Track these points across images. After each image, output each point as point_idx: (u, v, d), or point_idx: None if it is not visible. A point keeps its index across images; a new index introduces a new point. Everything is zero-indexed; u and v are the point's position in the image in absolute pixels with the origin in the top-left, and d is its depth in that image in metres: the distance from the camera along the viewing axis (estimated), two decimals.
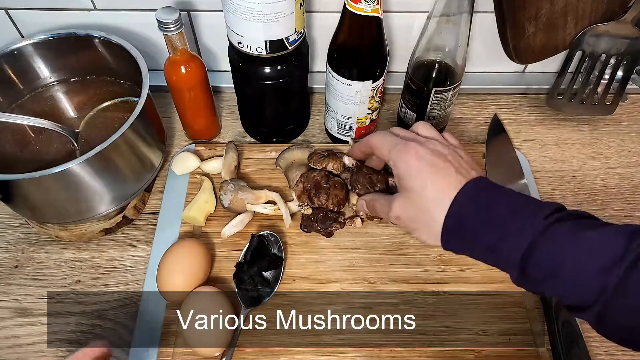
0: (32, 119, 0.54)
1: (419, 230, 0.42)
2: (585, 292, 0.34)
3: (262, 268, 0.52)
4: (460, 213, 0.39)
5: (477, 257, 0.40)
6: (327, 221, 0.56)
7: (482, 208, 0.39)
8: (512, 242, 0.37)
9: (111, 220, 0.57)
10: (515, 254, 0.36)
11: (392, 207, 0.43)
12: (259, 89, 0.60)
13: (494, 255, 0.38)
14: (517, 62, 0.64)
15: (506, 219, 0.37)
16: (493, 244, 0.37)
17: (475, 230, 0.38)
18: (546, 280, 0.36)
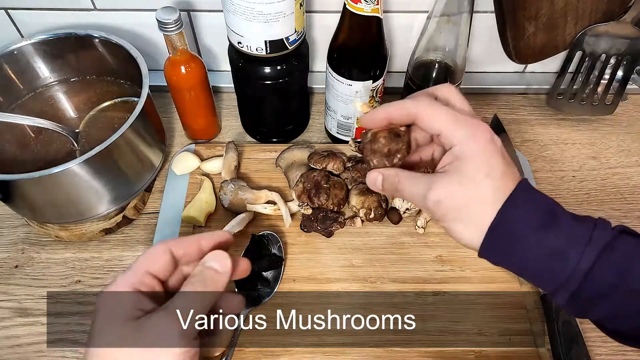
0: (32, 119, 0.54)
1: (460, 221, 0.34)
2: None
3: (262, 268, 0.52)
4: (515, 212, 0.33)
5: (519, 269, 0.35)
6: (327, 221, 0.56)
7: (540, 211, 0.34)
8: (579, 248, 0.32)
9: (111, 220, 0.57)
10: (581, 263, 0.32)
11: (434, 187, 0.34)
12: (259, 89, 0.60)
13: (546, 264, 0.33)
14: (517, 62, 0.64)
15: (568, 224, 0.33)
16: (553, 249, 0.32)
17: (530, 232, 0.33)
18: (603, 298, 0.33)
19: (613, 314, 0.34)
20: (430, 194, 0.34)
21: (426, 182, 0.35)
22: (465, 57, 0.58)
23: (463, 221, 0.34)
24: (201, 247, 0.34)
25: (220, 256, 0.33)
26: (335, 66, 0.56)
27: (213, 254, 0.33)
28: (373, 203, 0.56)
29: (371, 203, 0.56)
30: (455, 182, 0.34)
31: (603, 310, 0.33)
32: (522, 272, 0.35)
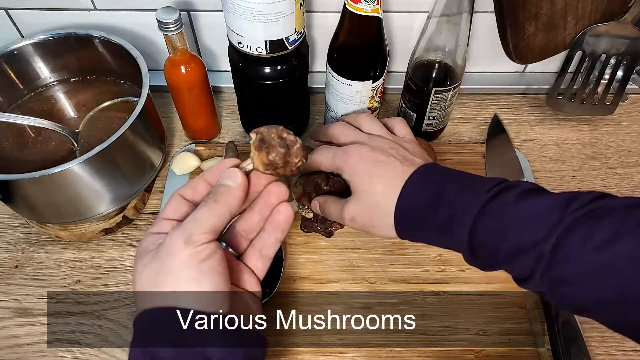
0: (32, 119, 0.54)
1: (374, 226, 0.41)
2: (526, 264, 0.35)
3: None
4: (408, 200, 0.39)
5: (432, 242, 0.40)
6: (327, 221, 0.56)
7: (429, 191, 0.39)
8: (459, 220, 0.37)
9: (111, 220, 0.57)
10: (463, 234, 0.36)
11: (345, 208, 0.42)
12: (259, 89, 0.60)
13: (446, 237, 0.38)
14: (517, 62, 0.64)
15: (452, 198, 0.38)
16: (444, 224, 0.37)
17: (424, 213, 0.38)
18: (493, 258, 0.36)
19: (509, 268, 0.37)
20: (344, 214, 0.42)
21: (341, 206, 0.43)
22: (465, 57, 0.58)
23: (375, 225, 0.41)
24: (207, 182, 0.36)
25: (232, 173, 0.35)
26: (335, 66, 0.56)
27: (225, 173, 0.35)
28: None
29: None
30: (355, 200, 0.42)
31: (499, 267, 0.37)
32: (441, 244, 0.40)
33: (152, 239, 0.34)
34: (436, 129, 0.65)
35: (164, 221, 0.34)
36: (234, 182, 0.34)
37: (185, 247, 0.31)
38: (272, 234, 0.38)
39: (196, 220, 0.32)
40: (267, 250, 0.38)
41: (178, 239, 0.31)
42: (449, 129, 0.70)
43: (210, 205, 0.33)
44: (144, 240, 0.34)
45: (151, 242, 0.33)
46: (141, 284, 0.32)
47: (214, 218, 0.33)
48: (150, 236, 0.34)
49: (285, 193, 0.38)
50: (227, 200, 0.34)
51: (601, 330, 0.51)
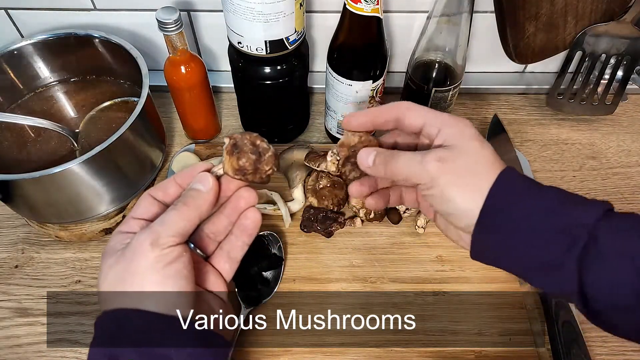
0: (32, 119, 0.54)
1: (459, 185, 0.33)
2: None
3: (262, 268, 0.52)
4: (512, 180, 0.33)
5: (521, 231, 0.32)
6: (327, 221, 0.56)
7: (530, 181, 0.34)
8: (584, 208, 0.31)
9: (111, 220, 0.57)
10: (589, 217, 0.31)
11: (432, 152, 0.34)
12: (259, 89, 0.60)
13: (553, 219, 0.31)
14: (517, 62, 0.64)
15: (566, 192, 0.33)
16: (554, 206, 0.32)
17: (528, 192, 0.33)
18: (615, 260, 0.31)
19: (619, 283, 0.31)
20: (430, 155, 0.34)
21: (423, 152, 0.35)
22: (465, 57, 0.58)
23: (462, 185, 0.33)
24: (178, 184, 0.36)
25: (202, 177, 0.35)
26: (335, 66, 0.56)
27: (196, 177, 0.35)
28: None
29: None
30: (452, 150, 0.34)
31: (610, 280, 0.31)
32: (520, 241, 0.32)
33: (120, 238, 0.33)
34: None
35: (132, 220, 0.34)
36: (205, 186, 0.34)
37: (151, 249, 0.31)
38: (240, 237, 0.38)
39: (164, 222, 0.32)
40: (235, 253, 0.38)
41: (145, 241, 0.31)
42: None
43: (180, 209, 0.33)
44: (112, 239, 0.34)
45: (118, 241, 0.33)
46: (106, 284, 0.32)
47: (183, 222, 0.33)
48: (118, 235, 0.34)
49: (254, 199, 0.38)
50: (197, 205, 0.34)
51: (601, 331, 0.50)
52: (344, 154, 0.39)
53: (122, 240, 0.33)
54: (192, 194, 0.34)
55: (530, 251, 0.32)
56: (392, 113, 0.37)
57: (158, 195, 0.36)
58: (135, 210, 0.35)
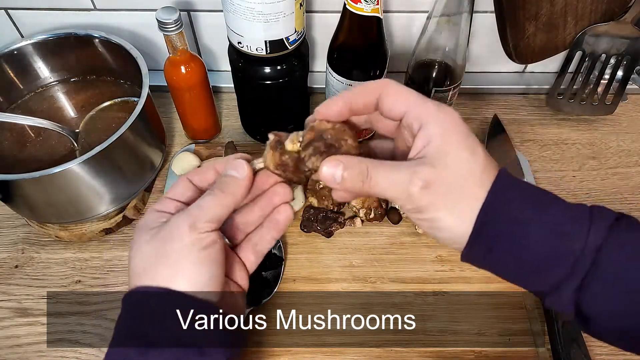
0: (32, 119, 0.54)
1: (448, 208, 0.30)
2: None
3: (262, 268, 0.52)
4: (507, 192, 0.30)
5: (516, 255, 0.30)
6: (327, 221, 0.56)
7: (531, 191, 0.31)
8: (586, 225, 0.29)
9: (111, 220, 0.57)
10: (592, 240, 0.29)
11: (420, 170, 0.30)
12: (259, 89, 0.60)
13: (554, 245, 0.29)
14: (517, 62, 0.64)
15: (567, 203, 0.31)
16: (555, 228, 0.29)
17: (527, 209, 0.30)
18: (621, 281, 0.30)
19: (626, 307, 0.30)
20: (415, 178, 0.29)
21: (407, 167, 0.30)
22: (465, 57, 0.58)
23: (452, 208, 0.30)
24: (216, 170, 0.36)
25: (237, 164, 0.35)
26: (335, 66, 0.56)
27: (231, 163, 0.35)
28: (373, 203, 0.56)
29: (371, 203, 0.56)
30: (440, 165, 0.30)
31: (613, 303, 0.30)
32: (519, 262, 0.31)
33: (155, 216, 0.33)
34: None
35: (167, 200, 0.34)
36: (240, 173, 0.34)
37: (189, 232, 0.31)
38: (270, 231, 0.38)
39: (202, 207, 0.32)
40: (262, 246, 0.38)
41: (183, 223, 0.31)
42: None
43: (217, 194, 0.33)
44: (147, 216, 0.34)
45: (154, 219, 0.33)
46: (139, 261, 0.32)
47: (219, 208, 0.33)
48: (154, 213, 0.34)
49: (289, 195, 0.38)
50: (233, 191, 0.34)
51: None
52: (309, 136, 0.33)
53: (158, 219, 0.33)
54: (228, 180, 0.34)
55: (524, 275, 0.31)
56: (370, 96, 0.33)
57: (195, 179, 0.36)
58: (172, 191, 0.35)
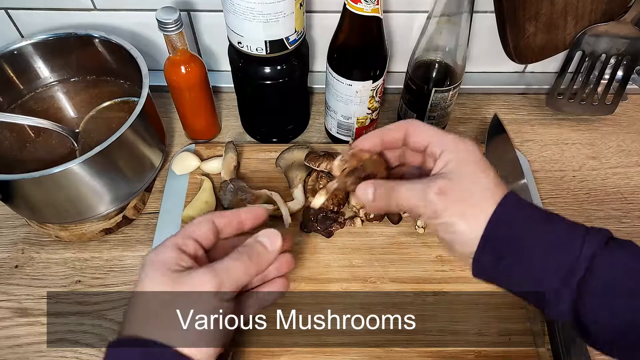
0: (32, 119, 0.54)
1: (461, 214, 0.34)
2: None
3: None
4: (514, 208, 0.34)
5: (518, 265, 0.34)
6: (327, 221, 0.56)
7: (535, 209, 0.35)
8: (579, 240, 0.32)
9: (111, 220, 0.57)
10: (586, 250, 0.32)
11: (436, 180, 0.34)
12: (259, 89, 0.60)
13: (553, 253, 0.32)
14: (517, 62, 0.64)
15: (566, 221, 0.34)
16: (554, 239, 0.33)
17: (530, 223, 0.33)
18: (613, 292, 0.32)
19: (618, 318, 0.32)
20: (432, 185, 0.34)
21: (425, 181, 0.35)
22: (465, 57, 0.58)
23: (465, 214, 0.34)
24: (241, 219, 0.36)
25: (272, 234, 0.35)
26: (335, 66, 0.56)
27: (267, 231, 0.35)
28: None
29: None
30: (454, 178, 0.34)
31: (608, 313, 0.32)
32: (521, 269, 0.33)
33: (175, 255, 0.32)
34: None
35: (190, 240, 0.34)
36: (273, 246, 0.35)
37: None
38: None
39: (229, 271, 0.32)
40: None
41: (208, 284, 0.31)
42: (449, 128, 0.70)
43: (245, 262, 0.33)
44: (166, 251, 0.33)
45: (173, 258, 0.32)
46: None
47: (244, 275, 0.33)
48: (174, 251, 0.33)
49: (292, 266, 0.39)
50: (260, 261, 0.34)
51: None
52: (353, 164, 0.39)
53: (178, 261, 0.32)
54: (259, 249, 0.34)
55: (527, 281, 0.34)
56: (399, 132, 0.38)
57: (220, 223, 0.36)
58: (196, 230, 0.35)
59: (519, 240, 0.33)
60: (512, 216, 0.34)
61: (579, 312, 0.32)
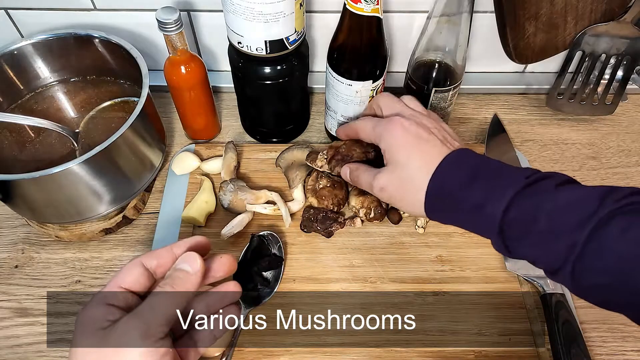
0: (32, 119, 0.54)
1: (403, 199, 0.43)
2: (557, 251, 0.35)
3: (262, 268, 0.52)
4: (444, 177, 0.40)
5: (460, 223, 0.41)
6: (327, 221, 0.56)
7: (465, 172, 0.40)
8: (494, 199, 0.37)
9: (111, 220, 0.57)
10: (496, 211, 0.37)
11: (377, 177, 0.44)
12: (259, 89, 0.60)
13: (476, 216, 0.39)
14: (517, 62, 0.64)
15: (489, 181, 0.39)
16: (477, 203, 0.38)
17: (458, 191, 0.39)
18: (522, 239, 0.37)
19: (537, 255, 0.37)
20: (375, 182, 0.45)
21: (373, 174, 0.45)
22: (465, 57, 0.58)
23: (405, 198, 0.43)
24: (175, 256, 0.34)
25: (190, 257, 0.34)
26: (335, 66, 0.56)
27: (183, 256, 0.34)
28: (372, 202, 0.56)
29: (370, 202, 0.56)
30: (389, 171, 0.44)
31: (526, 251, 0.37)
32: (468, 226, 0.41)
33: (102, 312, 0.31)
34: None
35: (119, 290, 0.32)
36: (192, 267, 0.33)
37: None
38: (214, 330, 0.36)
39: (154, 309, 0.31)
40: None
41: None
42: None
43: (168, 293, 0.31)
44: (93, 309, 0.31)
45: (101, 315, 0.30)
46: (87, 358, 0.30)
47: (171, 307, 0.31)
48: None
49: (238, 295, 0.37)
50: (185, 287, 0.32)
51: (601, 331, 0.51)
52: (330, 153, 0.54)
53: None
54: (180, 275, 0.33)
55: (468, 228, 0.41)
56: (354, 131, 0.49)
57: (151, 264, 0.34)
58: (124, 278, 0.33)
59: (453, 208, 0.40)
60: (441, 189, 0.40)
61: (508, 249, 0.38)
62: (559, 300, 0.50)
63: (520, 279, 0.53)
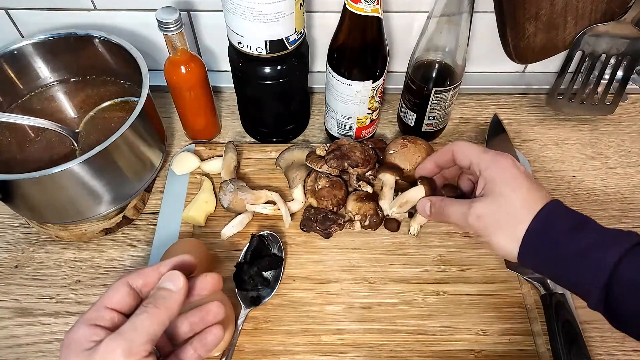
0: (32, 119, 0.54)
1: (500, 230, 0.41)
2: None
3: (262, 268, 0.52)
4: (548, 218, 0.39)
5: (556, 271, 0.39)
6: (327, 222, 0.56)
7: (572, 220, 0.39)
8: (604, 249, 0.36)
9: (111, 220, 0.57)
10: (607, 261, 0.36)
11: (474, 206, 0.42)
12: (259, 89, 0.60)
13: (579, 266, 0.37)
14: (517, 62, 0.64)
15: (598, 232, 0.38)
16: (582, 249, 0.37)
17: (561, 234, 0.38)
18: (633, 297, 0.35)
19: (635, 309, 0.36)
20: (471, 211, 0.42)
21: (466, 203, 0.43)
22: (465, 57, 0.58)
23: (501, 232, 0.41)
24: (160, 275, 0.34)
25: (173, 276, 0.34)
26: (335, 66, 0.56)
27: (166, 275, 0.34)
28: (369, 210, 0.55)
29: (367, 210, 0.55)
30: (489, 201, 0.42)
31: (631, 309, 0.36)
32: (557, 273, 0.39)
33: (87, 332, 0.31)
34: (436, 129, 0.65)
35: (105, 310, 0.32)
36: (175, 285, 0.33)
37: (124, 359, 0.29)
38: (198, 350, 0.36)
39: (136, 328, 0.31)
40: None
41: (116, 350, 0.29)
42: (449, 128, 0.70)
43: (151, 312, 0.32)
44: (77, 330, 0.31)
45: (86, 336, 0.31)
46: None
47: (154, 326, 0.31)
48: (86, 328, 0.31)
49: (222, 315, 0.36)
50: (168, 306, 0.32)
51: (601, 331, 0.51)
52: (332, 147, 0.56)
53: (91, 336, 0.31)
54: (163, 294, 0.33)
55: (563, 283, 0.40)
56: (447, 153, 0.48)
57: (137, 283, 0.34)
58: (110, 298, 0.33)
59: (554, 250, 0.38)
60: (546, 228, 0.39)
61: (610, 307, 0.37)
62: (559, 300, 0.50)
63: (520, 279, 0.53)
